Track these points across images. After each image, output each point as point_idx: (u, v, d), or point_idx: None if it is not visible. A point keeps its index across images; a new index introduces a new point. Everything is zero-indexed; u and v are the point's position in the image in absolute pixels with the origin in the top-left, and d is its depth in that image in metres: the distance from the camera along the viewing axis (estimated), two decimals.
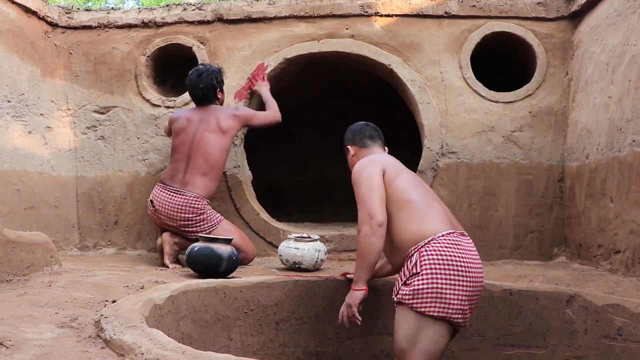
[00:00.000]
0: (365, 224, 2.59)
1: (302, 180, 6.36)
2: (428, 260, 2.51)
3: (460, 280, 2.51)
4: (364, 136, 3.01)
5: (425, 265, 2.50)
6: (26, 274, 2.87)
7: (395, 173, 2.73)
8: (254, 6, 4.63)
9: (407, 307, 2.52)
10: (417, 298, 2.49)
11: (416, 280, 2.50)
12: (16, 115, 4.17)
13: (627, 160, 3.36)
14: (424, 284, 2.49)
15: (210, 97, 4.19)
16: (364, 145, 3.01)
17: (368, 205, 2.61)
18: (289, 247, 3.76)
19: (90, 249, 4.67)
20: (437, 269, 2.50)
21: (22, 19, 4.33)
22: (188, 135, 4.09)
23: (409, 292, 2.51)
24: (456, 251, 2.55)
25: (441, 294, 2.48)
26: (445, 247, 2.54)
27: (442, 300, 2.48)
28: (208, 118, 4.10)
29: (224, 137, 4.09)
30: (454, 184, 4.39)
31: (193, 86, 4.17)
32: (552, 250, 4.35)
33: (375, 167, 2.71)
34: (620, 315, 2.75)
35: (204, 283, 2.97)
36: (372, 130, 3.04)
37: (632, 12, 3.47)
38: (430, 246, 2.54)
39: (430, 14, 4.49)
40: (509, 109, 4.42)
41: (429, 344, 2.51)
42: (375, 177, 2.67)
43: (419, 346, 2.50)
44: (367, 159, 2.86)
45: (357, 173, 2.76)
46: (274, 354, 3.18)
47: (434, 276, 2.49)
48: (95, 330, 2.07)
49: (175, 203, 3.95)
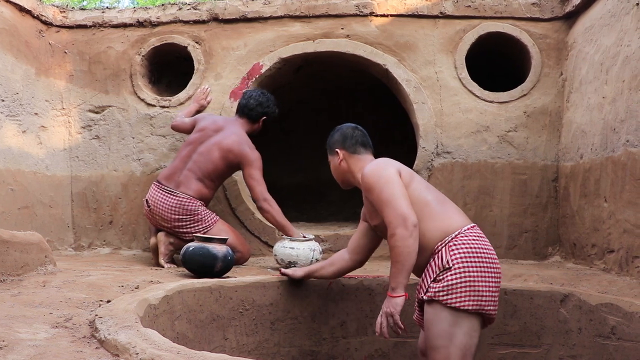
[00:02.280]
0: (399, 227, 2.45)
1: (297, 180, 6.36)
2: (459, 254, 2.46)
3: (490, 271, 2.49)
4: (357, 142, 2.84)
5: (457, 260, 2.46)
6: (20, 274, 2.86)
7: (410, 175, 2.66)
8: (249, 6, 4.63)
9: (441, 304, 2.45)
10: (452, 294, 2.43)
11: (448, 275, 2.45)
12: (10, 115, 4.16)
13: (621, 160, 3.38)
14: (457, 278, 2.44)
15: (254, 115, 4.11)
16: (356, 151, 2.83)
17: (399, 208, 2.48)
18: (284, 246, 3.76)
19: (85, 249, 4.66)
20: (469, 262, 2.46)
21: (16, 17, 4.31)
22: (201, 138, 4.06)
23: (442, 288, 2.45)
24: (482, 243, 2.53)
25: (474, 287, 2.44)
26: (473, 240, 2.51)
27: (475, 294, 2.44)
28: (225, 131, 4.02)
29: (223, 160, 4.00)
30: (448, 184, 4.40)
31: (252, 97, 4.11)
32: (546, 250, 4.36)
33: (391, 169, 2.61)
34: (614, 314, 2.76)
35: (199, 283, 2.97)
36: (363, 136, 2.87)
37: (626, 13, 3.49)
38: (458, 240, 2.50)
39: (426, 14, 4.49)
40: (504, 109, 4.43)
41: (465, 338, 2.45)
42: (396, 179, 2.56)
43: (455, 342, 2.44)
44: (377, 162, 2.71)
45: (374, 177, 2.60)
46: (269, 354, 3.18)
47: (466, 270, 2.45)
48: (89, 330, 2.06)
49: (168, 204, 3.93)
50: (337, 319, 3.33)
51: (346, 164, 2.83)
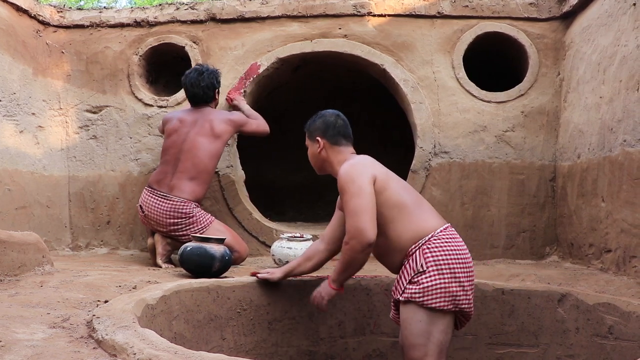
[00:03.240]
0: (354, 239, 2.57)
1: (295, 179, 6.35)
2: (432, 257, 2.56)
3: (462, 271, 2.59)
4: (338, 133, 2.85)
5: (430, 263, 2.55)
6: (17, 274, 2.85)
7: (387, 178, 2.70)
8: (246, 6, 4.63)
9: (417, 305, 2.55)
10: (427, 295, 2.53)
11: (423, 278, 2.55)
12: (7, 115, 4.15)
13: (618, 160, 3.38)
14: (432, 280, 2.54)
15: (209, 97, 4.15)
16: (337, 143, 2.84)
17: (360, 222, 2.55)
18: (281, 246, 3.76)
19: (82, 249, 4.65)
20: (441, 263, 2.56)
21: (13, 17, 4.30)
22: (179, 137, 4.04)
23: (418, 290, 2.54)
24: (455, 244, 2.62)
25: (448, 287, 2.54)
26: (445, 243, 2.60)
27: (450, 294, 2.54)
28: (202, 121, 4.05)
29: (217, 141, 4.03)
30: (446, 184, 4.40)
31: (193, 84, 4.09)
32: (544, 250, 4.37)
33: (366, 178, 2.63)
34: (611, 313, 2.77)
35: (196, 283, 2.96)
36: (345, 126, 2.88)
37: (623, 13, 3.49)
38: (431, 243, 2.59)
39: (423, 14, 4.49)
40: (502, 108, 4.43)
41: (441, 336, 2.57)
42: (368, 190, 2.60)
43: (432, 339, 2.55)
44: (354, 163, 2.73)
45: (347, 180, 2.64)
46: (267, 354, 3.18)
47: (439, 272, 2.54)
48: (87, 330, 2.06)
49: (162, 209, 3.92)
50: (334, 318, 3.33)
51: (326, 153, 2.85)
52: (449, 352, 3.25)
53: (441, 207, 4.36)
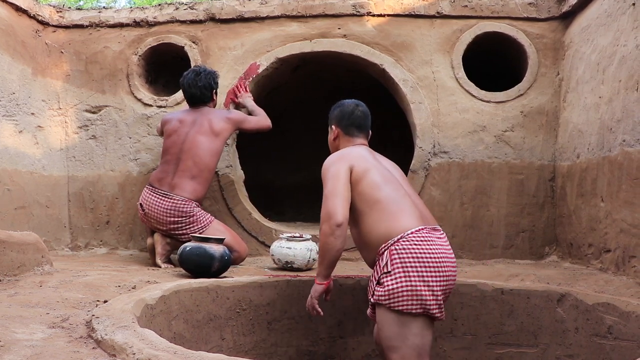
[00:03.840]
0: (325, 223, 2.62)
1: (294, 179, 6.35)
2: (398, 258, 2.50)
3: (433, 275, 2.50)
4: (352, 123, 2.92)
5: (396, 264, 2.50)
6: (17, 274, 2.85)
7: (364, 170, 2.68)
8: (246, 5, 4.63)
9: (385, 308, 2.52)
10: (393, 298, 2.49)
11: (389, 279, 2.50)
12: (7, 115, 4.15)
13: (618, 159, 3.38)
14: (397, 283, 2.49)
15: (207, 98, 4.17)
16: (349, 133, 2.92)
17: (329, 204, 2.62)
18: (281, 246, 3.76)
19: (81, 249, 4.65)
20: (408, 266, 2.49)
21: (13, 17, 4.30)
22: (179, 137, 4.05)
23: (384, 292, 2.51)
24: (426, 247, 2.53)
25: (415, 291, 2.47)
26: (414, 245, 2.52)
27: (417, 297, 2.48)
28: (201, 120, 4.07)
29: (216, 140, 4.05)
30: (445, 184, 4.40)
31: (191, 85, 4.13)
32: (543, 250, 4.37)
33: (342, 165, 2.68)
34: (610, 313, 2.77)
35: (196, 283, 2.97)
36: (362, 118, 2.94)
37: (622, 13, 3.50)
38: (399, 244, 2.52)
39: (422, 13, 4.49)
40: (501, 108, 4.43)
41: (416, 339, 2.51)
42: (342, 175, 2.65)
43: (407, 343, 2.51)
44: (337, 154, 2.82)
45: (325, 169, 2.75)
46: (266, 354, 3.18)
47: (405, 274, 2.48)
48: (86, 330, 2.06)
49: (163, 207, 3.93)
50: (334, 318, 3.33)
51: (339, 141, 2.96)
52: (449, 352, 3.26)
53: (440, 207, 4.37)
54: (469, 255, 4.38)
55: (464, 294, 3.25)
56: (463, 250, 4.37)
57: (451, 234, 4.26)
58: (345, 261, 4.23)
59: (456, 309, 3.26)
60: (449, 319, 3.28)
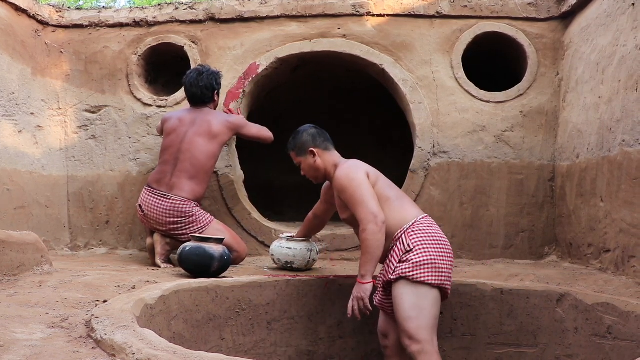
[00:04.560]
0: (370, 223, 2.84)
1: (294, 179, 6.31)
2: (417, 237, 2.85)
3: (446, 251, 2.87)
4: (325, 139, 3.21)
5: (416, 242, 2.84)
6: (16, 274, 2.85)
7: (376, 174, 3.05)
8: (246, 5, 4.63)
9: (408, 280, 2.79)
10: (416, 270, 2.79)
11: (412, 255, 2.81)
12: (6, 115, 4.15)
13: (617, 159, 3.38)
14: (420, 256, 2.80)
15: (208, 98, 4.16)
16: (326, 148, 3.19)
17: (370, 206, 2.87)
18: (281, 246, 3.76)
19: (81, 249, 4.65)
20: (427, 243, 2.84)
21: (12, 17, 4.30)
22: (178, 137, 4.04)
23: (409, 266, 2.80)
24: (435, 229, 2.94)
25: (435, 264, 2.80)
26: (427, 227, 2.91)
27: (437, 270, 2.80)
28: (200, 121, 4.05)
29: (213, 142, 4.03)
30: (445, 184, 4.40)
31: (192, 84, 4.11)
32: (542, 250, 4.37)
33: (361, 173, 2.98)
34: (610, 313, 2.77)
35: (195, 283, 2.97)
36: (326, 133, 3.24)
37: (622, 13, 3.50)
38: (415, 227, 2.90)
39: (422, 13, 4.49)
40: (500, 108, 4.44)
41: (432, 309, 2.80)
42: (366, 182, 2.95)
43: (424, 311, 2.78)
44: (347, 165, 3.07)
45: (347, 179, 2.97)
46: (265, 354, 3.18)
47: (426, 249, 2.82)
48: (86, 330, 2.06)
49: (162, 208, 3.92)
50: (333, 318, 3.33)
51: (321, 160, 3.18)
52: (448, 352, 3.26)
53: (440, 207, 4.37)
54: (469, 255, 4.38)
55: (464, 294, 3.25)
56: (463, 250, 4.37)
57: (451, 234, 4.26)
58: (345, 261, 4.23)
59: (456, 309, 3.26)
60: (448, 319, 3.29)
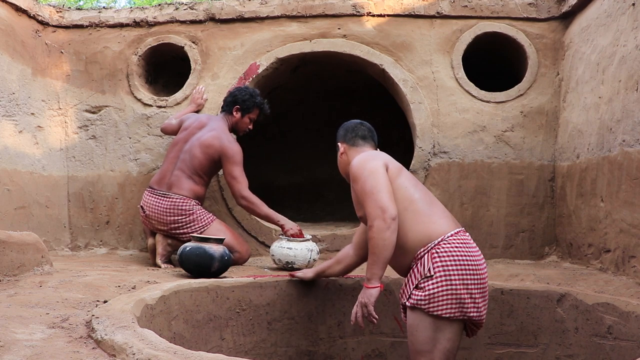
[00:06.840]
0: (377, 219, 2.46)
1: (294, 179, 6.35)
2: (440, 263, 2.46)
3: (472, 278, 2.48)
4: (356, 135, 2.85)
5: (439, 268, 2.46)
6: (17, 274, 2.85)
7: (398, 170, 2.65)
8: (246, 6, 4.63)
9: (423, 312, 2.48)
10: (433, 302, 2.45)
11: (430, 284, 2.46)
12: (6, 115, 4.15)
13: (617, 160, 3.38)
14: (439, 287, 2.45)
15: (224, 107, 4.21)
16: (354, 144, 2.83)
17: (378, 199, 2.47)
18: (281, 246, 3.76)
19: (81, 249, 4.65)
20: (450, 270, 2.45)
21: (12, 17, 4.30)
22: (187, 135, 4.12)
23: (425, 297, 2.46)
24: (465, 250, 2.51)
25: (456, 295, 2.45)
26: (455, 248, 2.49)
27: (457, 302, 2.45)
28: (208, 127, 4.11)
29: (207, 152, 4.03)
30: (445, 184, 4.40)
31: (229, 91, 4.28)
32: (543, 250, 4.37)
33: (378, 162, 2.61)
34: (610, 313, 2.77)
35: (195, 283, 2.96)
36: (365, 130, 2.88)
37: (622, 13, 3.50)
38: (441, 247, 2.49)
39: (422, 14, 4.49)
40: (501, 108, 4.44)
41: (447, 344, 2.50)
42: (380, 171, 2.56)
43: (438, 347, 2.49)
44: (366, 154, 2.72)
45: (358, 168, 2.61)
46: (266, 354, 3.18)
47: (447, 279, 2.44)
48: (86, 330, 2.06)
49: (163, 207, 3.94)
50: (334, 318, 3.33)
51: (346, 156, 2.84)
52: None
53: None
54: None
55: None
56: None
57: None
58: None
59: None
60: None
